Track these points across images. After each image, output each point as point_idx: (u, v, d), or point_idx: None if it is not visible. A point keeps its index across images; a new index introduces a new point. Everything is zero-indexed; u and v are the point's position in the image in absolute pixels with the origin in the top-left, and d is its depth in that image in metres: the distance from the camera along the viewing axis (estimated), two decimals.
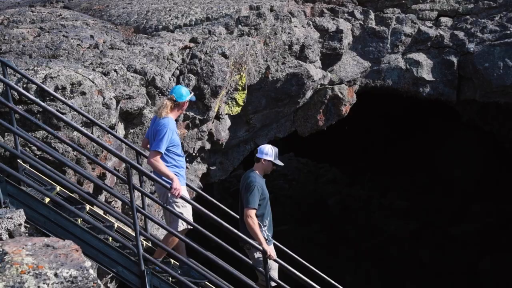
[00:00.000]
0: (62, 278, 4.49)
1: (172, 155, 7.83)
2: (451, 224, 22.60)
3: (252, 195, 8.00)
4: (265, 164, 8.48)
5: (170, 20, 12.12)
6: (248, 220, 7.89)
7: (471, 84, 14.86)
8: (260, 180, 8.34)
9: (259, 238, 7.86)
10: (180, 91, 7.96)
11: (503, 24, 14.76)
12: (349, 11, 14.99)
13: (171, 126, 7.72)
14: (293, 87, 13.05)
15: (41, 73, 8.27)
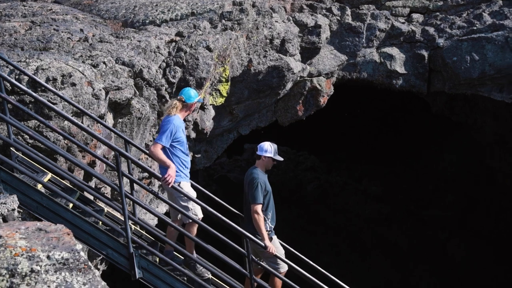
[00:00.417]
0: (54, 260, 4.46)
1: (177, 151, 7.86)
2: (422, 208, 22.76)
3: (256, 191, 8.12)
4: (266, 161, 8.54)
5: (156, 15, 12.04)
6: (255, 215, 8.02)
7: (441, 76, 14.96)
8: (263, 176, 8.43)
9: (262, 234, 8.00)
10: (189, 93, 8.03)
11: (470, 21, 14.87)
12: (327, 7, 15.00)
13: (176, 123, 7.75)
14: (274, 79, 13.02)
15: (33, 65, 8.18)
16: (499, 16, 14.69)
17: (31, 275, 4.26)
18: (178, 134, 7.77)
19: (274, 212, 8.61)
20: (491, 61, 14.24)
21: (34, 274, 4.27)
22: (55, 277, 4.35)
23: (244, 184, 8.57)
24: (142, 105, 9.94)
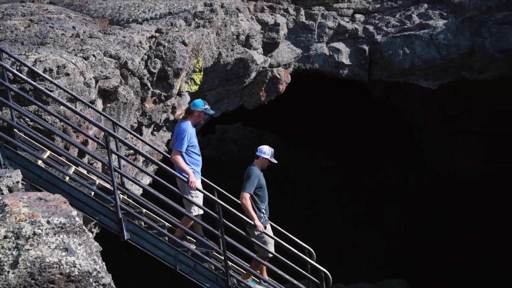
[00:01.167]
0: (53, 225, 4.46)
1: (191, 154, 8.04)
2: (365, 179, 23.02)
3: (249, 182, 8.22)
4: (263, 161, 8.68)
5: (139, 14, 11.92)
6: (243, 201, 8.10)
7: (379, 67, 15.18)
8: (258, 172, 8.52)
9: (251, 215, 8.05)
10: (195, 101, 8.21)
11: (402, 21, 15.18)
12: (284, 8, 15.04)
13: (190, 130, 7.94)
14: (240, 70, 13.05)
15: (32, 58, 8.07)
16: (425, 17, 15.02)
17: (34, 237, 4.26)
18: (191, 140, 8.00)
19: (267, 204, 8.70)
20: (419, 54, 14.60)
21: (36, 237, 4.28)
22: (54, 238, 4.36)
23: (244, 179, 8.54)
24: (127, 92, 9.87)
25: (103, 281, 4.37)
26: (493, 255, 17.72)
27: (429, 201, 20.84)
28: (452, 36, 14.41)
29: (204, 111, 8.18)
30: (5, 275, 3.96)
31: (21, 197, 4.82)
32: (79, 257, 4.32)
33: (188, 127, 7.96)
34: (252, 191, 8.26)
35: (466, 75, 14.90)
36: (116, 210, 6.88)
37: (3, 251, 4.07)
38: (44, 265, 4.11)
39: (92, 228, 7.98)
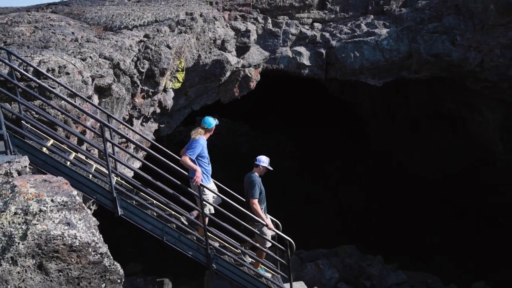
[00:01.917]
0: (57, 203, 4.41)
1: (201, 163, 8.09)
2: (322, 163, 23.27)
3: (254, 190, 8.26)
4: (262, 169, 8.68)
5: (129, 22, 11.80)
6: (253, 206, 8.18)
7: (334, 68, 15.29)
8: (258, 180, 8.50)
9: (261, 216, 8.21)
10: (209, 121, 8.24)
11: (353, 29, 15.42)
12: (254, 17, 15.08)
13: (202, 143, 8.05)
14: (217, 69, 13.04)
15: (36, 59, 7.93)
16: (371, 26, 15.27)
17: (40, 213, 4.23)
18: (202, 151, 8.07)
19: (266, 204, 8.74)
20: (367, 57, 14.83)
21: (42, 213, 4.24)
22: (57, 214, 4.31)
23: (245, 184, 8.63)
24: (120, 88, 9.79)
25: (100, 251, 4.36)
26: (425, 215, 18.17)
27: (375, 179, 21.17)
28: (393, 42, 14.66)
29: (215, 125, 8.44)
30: (16, 246, 3.94)
31: (29, 179, 4.77)
32: (80, 230, 4.31)
33: (201, 140, 8.06)
34: (258, 196, 8.35)
35: (405, 75, 15.19)
36: (111, 190, 6.84)
37: (14, 226, 4.05)
38: (49, 237, 4.10)
39: (90, 206, 7.93)
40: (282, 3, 15.48)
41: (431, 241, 17.28)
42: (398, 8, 15.40)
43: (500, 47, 13.60)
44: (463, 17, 14.45)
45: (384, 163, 21.54)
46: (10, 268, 3.87)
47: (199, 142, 7.99)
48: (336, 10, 15.87)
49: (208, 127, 8.22)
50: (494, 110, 16.20)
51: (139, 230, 7.29)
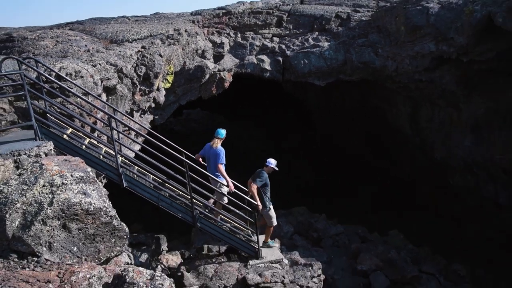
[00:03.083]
0: (75, 177, 4.46)
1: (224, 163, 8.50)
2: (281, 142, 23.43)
3: (259, 180, 8.51)
4: (270, 169, 8.80)
5: (130, 36, 11.61)
6: (251, 188, 8.42)
7: (288, 72, 15.25)
8: (266, 176, 8.70)
9: (256, 198, 8.37)
10: (222, 132, 8.78)
11: (303, 42, 15.37)
12: (227, 32, 15.01)
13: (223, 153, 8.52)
14: (198, 73, 12.95)
15: (58, 66, 7.83)
16: (316, 40, 15.25)
17: (62, 185, 4.27)
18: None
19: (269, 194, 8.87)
20: (314, 64, 14.80)
21: (64, 185, 4.29)
22: (76, 186, 4.38)
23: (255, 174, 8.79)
24: (123, 88, 9.69)
25: (110, 214, 4.41)
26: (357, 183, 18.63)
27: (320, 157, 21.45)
28: (333, 53, 14.76)
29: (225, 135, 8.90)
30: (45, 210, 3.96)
31: (53, 159, 4.79)
32: (93, 198, 4.35)
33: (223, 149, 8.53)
34: (259, 185, 8.51)
35: (342, 77, 15.25)
36: (117, 167, 6.86)
37: (43, 195, 4.06)
38: (70, 203, 4.13)
39: (101, 179, 7.90)
40: (249, 22, 15.42)
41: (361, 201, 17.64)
42: (336, 27, 15.55)
43: (409, 58, 13.89)
44: (383, 35, 14.71)
45: (327, 144, 21.85)
46: (41, 227, 3.90)
47: (222, 150, 8.53)
48: (290, 27, 15.91)
49: (221, 137, 8.70)
50: (405, 104, 16.60)
51: (140, 198, 7.33)
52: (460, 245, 14.16)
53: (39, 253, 3.86)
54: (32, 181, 4.19)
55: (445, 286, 11.49)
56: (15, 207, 3.89)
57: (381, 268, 11.53)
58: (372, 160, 19.58)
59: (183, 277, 8.16)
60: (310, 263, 8.78)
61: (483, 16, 11.76)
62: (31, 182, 4.16)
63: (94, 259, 4.26)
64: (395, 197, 17.34)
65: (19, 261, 3.72)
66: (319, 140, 22.35)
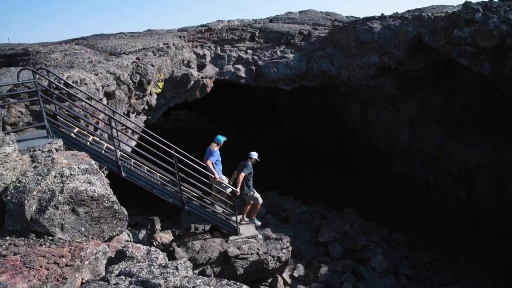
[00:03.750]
0: (82, 169, 4.40)
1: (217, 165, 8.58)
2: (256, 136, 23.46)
3: (246, 169, 8.62)
4: (253, 160, 8.84)
5: (126, 49, 11.46)
6: (240, 177, 8.49)
7: (260, 78, 15.24)
8: (250, 166, 8.73)
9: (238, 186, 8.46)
10: (220, 138, 8.67)
11: (272, 54, 15.41)
12: (208, 46, 14.91)
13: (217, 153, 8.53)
14: (184, 80, 12.86)
15: (66, 75, 7.70)
16: (283, 52, 15.31)
17: (70, 176, 4.23)
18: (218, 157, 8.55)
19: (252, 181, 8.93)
20: (281, 72, 14.85)
21: (72, 176, 4.25)
22: (82, 177, 4.33)
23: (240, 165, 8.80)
24: (121, 93, 9.55)
25: (111, 199, 4.40)
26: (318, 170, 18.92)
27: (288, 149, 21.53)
28: (297, 63, 14.86)
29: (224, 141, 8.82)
30: (57, 197, 3.94)
31: (63, 154, 4.74)
32: (97, 186, 4.33)
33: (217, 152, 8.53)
34: (246, 174, 8.57)
35: (304, 83, 15.34)
36: (116, 160, 6.81)
37: (55, 184, 4.03)
38: (77, 191, 4.11)
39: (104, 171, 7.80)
40: (227, 37, 15.37)
41: (321, 185, 17.80)
42: (299, 42, 15.70)
43: (358, 67, 14.17)
44: (338, 49, 14.96)
45: (294, 139, 21.98)
46: (54, 211, 3.89)
47: (216, 151, 8.48)
48: (261, 42, 15.93)
49: (218, 143, 8.64)
50: (356, 105, 16.89)
51: (137, 185, 7.30)
52: (399, 219, 14.65)
53: (53, 233, 3.86)
54: (45, 172, 4.16)
55: (387, 251, 11.86)
56: (32, 195, 3.87)
57: (338, 239, 11.80)
58: (330, 151, 19.87)
59: (174, 252, 8.19)
60: (280, 237, 8.92)
61: (414, 35, 12.19)
62: (44, 173, 4.13)
63: (99, 238, 4.28)
64: (348, 181, 17.72)
65: (37, 240, 3.72)
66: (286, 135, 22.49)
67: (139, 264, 3.43)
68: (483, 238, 12.69)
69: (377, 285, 10.08)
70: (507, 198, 11.97)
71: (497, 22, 9.94)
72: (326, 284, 9.75)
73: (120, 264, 3.44)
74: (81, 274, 3.38)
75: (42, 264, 3.20)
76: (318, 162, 19.42)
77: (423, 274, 11.13)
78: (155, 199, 7.73)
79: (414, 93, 14.54)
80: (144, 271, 3.21)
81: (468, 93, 13.26)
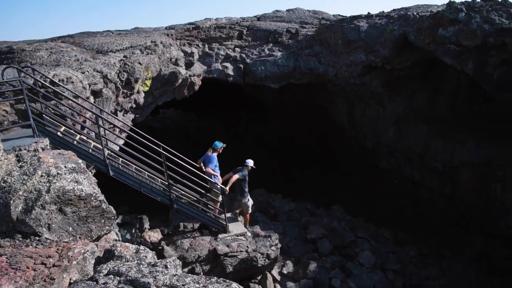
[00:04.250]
0: (68, 168, 4.36)
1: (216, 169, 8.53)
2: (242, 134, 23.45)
3: (241, 174, 8.64)
4: (249, 168, 8.88)
5: (113, 47, 11.30)
6: (233, 179, 8.51)
7: (248, 76, 15.19)
8: (246, 173, 8.78)
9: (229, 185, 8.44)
10: (216, 143, 8.65)
11: (260, 52, 15.37)
12: (196, 44, 14.83)
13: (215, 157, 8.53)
14: (172, 78, 12.73)
15: (52, 73, 7.57)
16: (271, 50, 15.31)
17: (57, 175, 4.18)
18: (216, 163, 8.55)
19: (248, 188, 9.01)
20: (269, 70, 14.81)
21: (58, 175, 4.20)
22: (69, 176, 4.28)
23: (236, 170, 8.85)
24: (108, 92, 9.42)
25: (99, 198, 4.36)
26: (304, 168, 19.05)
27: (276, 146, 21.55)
28: (285, 61, 14.87)
29: (222, 147, 8.78)
30: (43, 196, 3.89)
31: (49, 153, 4.67)
32: (84, 185, 4.28)
33: (215, 157, 8.53)
34: (240, 176, 8.62)
35: (292, 81, 15.36)
36: (104, 158, 6.72)
37: (41, 183, 3.97)
38: (64, 190, 4.06)
39: (91, 170, 7.70)
40: (215, 35, 15.33)
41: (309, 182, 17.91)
42: (287, 40, 15.74)
43: (345, 66, 14.29)
44: (325, 47, 15.06)
45: (281, 136, 22.04)
46: (41, 211, 3.84)
47: (214, 157, 8.52)
48: (249, 40, 15.93)
49: (216, 148, 8.66)
50: (343, 103, 17.00)
51: (125, 185, 7.23)
52: (386, 215, 14.88)
53: (40, 233, 3.80)
54: (32, 172, 4.09)
55: (375, 246, 12.04)
56: (17, 195, 3.80)
57: (326, 235, 11.91)
58: (317, 148, 19.99)
59: (163, 250, 8.15)
60: (269, 235, 8.95)
61: (400, 34, 12.37)
62: (30, 173, 4.07)
63: (87, 237, 4.23)
64: (336, 178, 17.87)
65: (23, 240, 3.66)
66: (274, 133, 22.53)
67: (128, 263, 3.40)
68: (467, 234, 12.97)
69: (365, 280, 10.22)
70: (490, 195, 12.26)
71: (480, 22, 10.16)
72: (315, 280, 9.85)
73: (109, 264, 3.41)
74: (69, 274, 3.34)
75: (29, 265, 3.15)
76: (306, 160, 19.51)
77: (410, 269, 11.34)
78: (143, 198, 7.66)
79: (400, 91, 14.74)
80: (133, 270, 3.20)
81: (452, 92, 13.52)
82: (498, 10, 10.25)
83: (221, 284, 3.05)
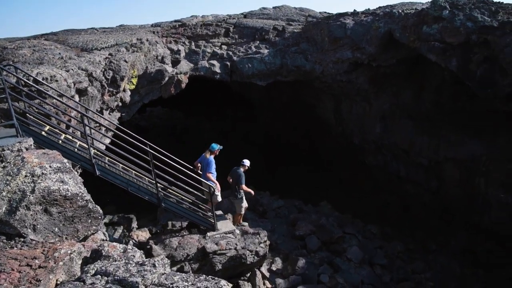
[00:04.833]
0: (53, 168, 4.32)
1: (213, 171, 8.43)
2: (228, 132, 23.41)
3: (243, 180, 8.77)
4: (245, 168, 8.98)
5: (98, 45, 11.12)
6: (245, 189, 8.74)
7: (235, 74, 15.14)
8: (242, 173, 8.84)
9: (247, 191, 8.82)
10: (213, 145, 8.60)
11: (247, 49, 15.35)
12: (183, 41, 14.74)
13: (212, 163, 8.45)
14: (159, 76, 12.64)
15: (35, 71, 7.47)
16: (258, 48, 15.30)
17: (42, 175, 4.13)
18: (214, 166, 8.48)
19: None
20: (256, 67, 14.82)
21: (43, 175, 4.15)
22: (54, 176, 4.24)
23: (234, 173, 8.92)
24: (93, 90, 9.30)
25: (85, 198, 4.33)
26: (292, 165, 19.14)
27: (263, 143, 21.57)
28: (272, 58, 14.88)
29: (219, 149, 8.71)
30: (28, 197, 3.83)
31: (33, 153, 4.61)
32: (70, 185, 4.24)
33: (213, 159, 8.49)
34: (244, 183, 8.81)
35: (279, 78, 15.39)
36: (90, 158, 6.64)
37: (25, 184, 3.91)
38: (50, 191, 4.02)
39: (77, 169, 7.62)
40: (201, 33, 15.24)
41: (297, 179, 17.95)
42: (274, 37, 15.75)
43: (332, 63, 14.39)
44: (311, 44, 15.13)
45: (268, 133, 22.08)
46: (25, 212, 3.78)
47: (212, 160, 8.49)
48: (235, 37, 15.89)
49: (212, 150, 8.62)
50: (330, 100, 17.13)
51: (112, 184, 7.16)
52: (373, 210, 15.08)
53: (25, 234, 3.75)
54: (15, 172, 4.02)
55: (363, 242, 12.19)
56: (1, 196, 3.73)
57: (314, 232, 11.98)
58: (304, 145, 20.08)
59: (151, 249, 8.10)
60: (258, 232, 8.97)
61: (385, 31, 12.52)
62: (14, 173, 4.00)
63: (74, 238, 4.19)
64: (323, 175, 18.00)
65: (8, 242, 3.60)
66: (261, 130, 22.55)
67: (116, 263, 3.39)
68: (452, 228, 13.27)
69: (353, 275, 10.36)
70: (475, 190, 12.55)
71: (463, 19, 10.37)
72: (303, 276, 9.93)
73: (96, 264, 3.39)
74: (55, 276, 3.30)
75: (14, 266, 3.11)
76: (293, 157, 19.55)
77: (397, 263, 11.54)
78: (131, 197, 7.60)
79: (386, 88, 14.94)
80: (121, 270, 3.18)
81: (437, 88, 13.76)
82: (480, 8, 10.48)
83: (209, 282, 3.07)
